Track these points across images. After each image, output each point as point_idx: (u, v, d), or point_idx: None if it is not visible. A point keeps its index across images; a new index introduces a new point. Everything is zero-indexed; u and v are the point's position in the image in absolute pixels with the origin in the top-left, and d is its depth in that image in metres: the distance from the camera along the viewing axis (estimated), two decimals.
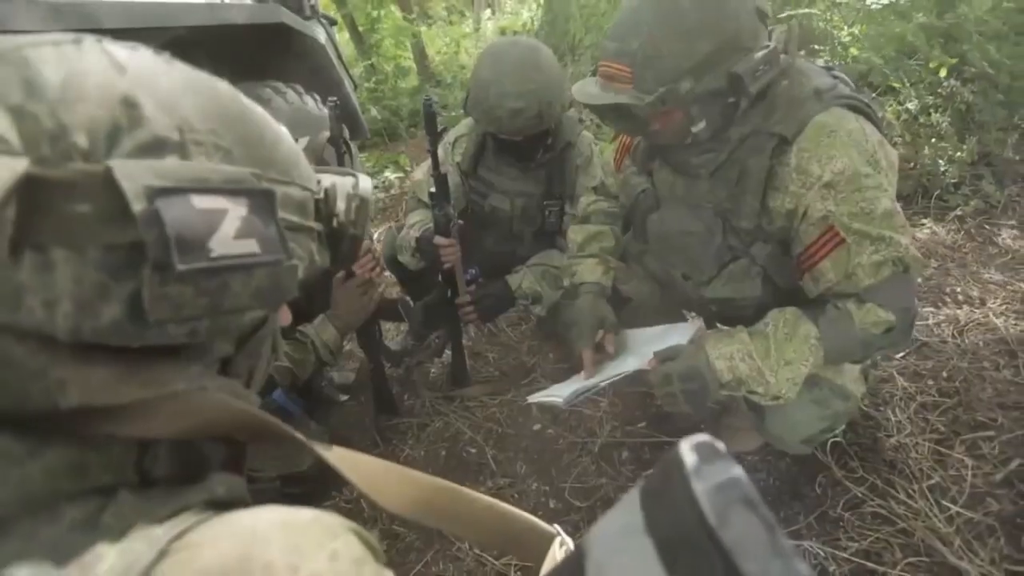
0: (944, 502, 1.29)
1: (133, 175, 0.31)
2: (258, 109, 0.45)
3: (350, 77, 3.30)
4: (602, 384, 1.18)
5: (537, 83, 1.51)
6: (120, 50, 0.36)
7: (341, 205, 0.50)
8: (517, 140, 1.58)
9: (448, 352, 1.92)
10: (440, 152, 1.84)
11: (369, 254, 1.63)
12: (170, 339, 0.36)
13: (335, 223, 0.50)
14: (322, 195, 0.49)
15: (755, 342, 1.06)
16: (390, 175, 4.15)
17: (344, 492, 1.67)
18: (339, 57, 3.17)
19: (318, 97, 2.85)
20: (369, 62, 5.26)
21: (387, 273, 2.25)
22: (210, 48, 2.58)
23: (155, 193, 0.32)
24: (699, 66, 0.96)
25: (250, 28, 2.52)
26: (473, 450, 1.73)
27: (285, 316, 0.62)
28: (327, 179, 0.57)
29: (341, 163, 1.51)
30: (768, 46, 0.98)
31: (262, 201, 0.37)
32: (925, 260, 2.11)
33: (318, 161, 1.49)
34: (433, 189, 1.54)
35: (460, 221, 1.62)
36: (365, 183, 0.61)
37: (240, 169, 0.37)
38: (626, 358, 1.28)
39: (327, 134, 1.47)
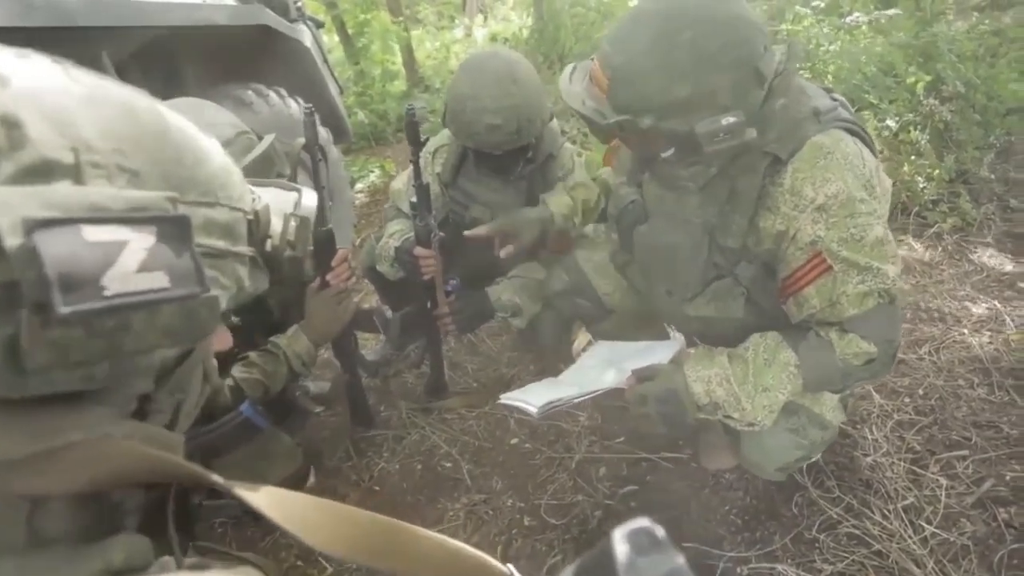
0: (919, 522, 1.28)
1: (10, 205, 0.28)
2: (184, 125, 0.42)
3: (336, 80, 3.26)
4: (577, 399, 1.16)
5: (516, 98, 1.49)
6: (5, 59, 0.33)
7: (277, 226, 0.48)
8: (497, 154, 1.56)
9: (427, 363, 1.89)
10: (420, 162, 1.83)
11: (345, 263, 1.60)
12: (59, 387, 0.32)
13: (269, 245, 0.47)
14: (255, 215, 0.47)
15: (734, 366, 1.05)
16: (375, 180, 4.11)
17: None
18: (325, 60, 3.14)
19: (301, 101, 2.81)
20: (358, 66, 5.22)
21: (365, 282, 2.22)
22: (193, 50, 2.54)
23: (34, 225, 0.28)
24: (667, 107, 0.94)
25: (233, 30, 2.48)
26: (449, 464, 1.70)
27: (222, 341, 0.59)
28: (267, 195, 0.55)
29: (316, 170, 1.48)
30: (737, 118, 0.93)
31: (174, 229, 0.34)
32: (904, 278, 2.13)
33: (293, 168, 1.46)
34: (414, 199, 1.51)
35: (441, 233, 1.60)
36: (309, 200, 0.59)
37: (148, 194, 0.34)
38: (605, 371, 1.27)
39: (302, 140, 1.44)
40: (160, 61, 2.47)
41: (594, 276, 1.52)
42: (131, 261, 0.31)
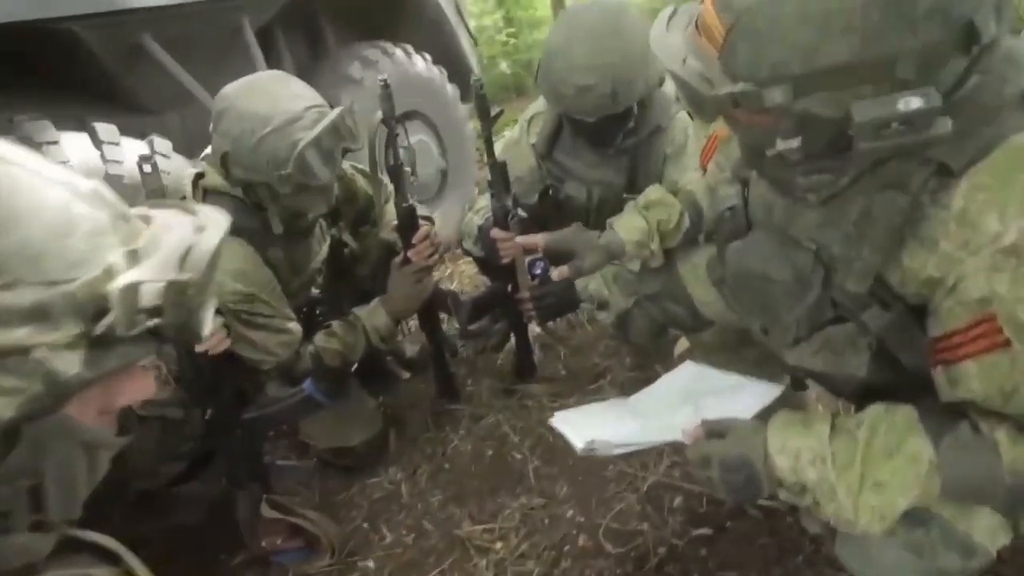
0: None
1: None
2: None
3: (469, 32, 3.17)
4: (629, 447, 0.98)
5: (613, 55, 1.25)
6: None
7: (116, 295, 0.39)
8: (590, 121, 1.35)
9: (512, 345, 1.82)
10: (516, 131, 1.68)
11: (427, 240, 1.55)
12: None
13: (109, 323, 0.39)
14: (101, 282, 0.39)
15: (837, 443, 0.77)
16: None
17: (389, 472, 1.69)
18: (458, 11, 3.05)
19: (429, 57, 2.78)
20: (504, 14, 5.07)
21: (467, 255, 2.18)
22: (331, 10, 2.62)
23: None
24: (814, 76, 0.63)
25: None
26: (519, 456, 1.63)
27: (139, 391, 0.55)
28: (164, 234, 0.47)
29: (392, 145, 1.42)
30: (927, 101, 0.60)
31: None
32: None
33: (369, 141, 1.42)
34: (490, 178, 1.39)
35: (522, 213, 1.46)
36: (208, 240, 0.49)
37: None
38: (679, 406, 1.06)
39: (380, 115, 1.38)
40: (301, 23, 2.59)
41: (691, 281, 1.27)
42: None
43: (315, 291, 1.52)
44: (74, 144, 1.58)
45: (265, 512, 1.36)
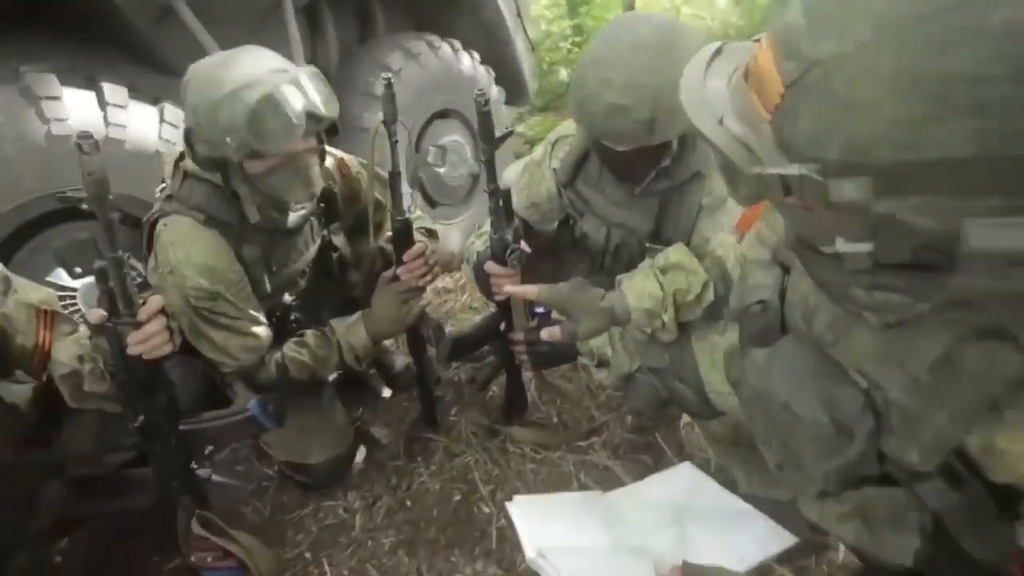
0: None
1: None
2: None
3: (527, 36, 3.02)
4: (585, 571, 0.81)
5: (658, 77, 1.04)
6: None
7: None
8: (619, 150, 1.16)
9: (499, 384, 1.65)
10: (539, 151, 1.51)
11: (420, 259, 1.41)
12: None
13: None
14: None
15: None
16: None
17: (347, 497, 1.56)
18: (518, 14, 2.91)
19: (477, 55, 2.65)
20: (575, 22, 4.88)
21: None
22: None
23: None
24: (905, 171, 0.43)
25: None
26: (486, 510, 1.47)
27: None
28: None
29: (393, 151, 1.28)
30: None
31: None
32: None
33: (370, 145, 1.28)
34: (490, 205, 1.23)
35: (523, 248, 1.30)
36: None
37: None
38: (666, 526, 0.88)
39: (380, 116, 1.25)
40: (353, 5, 2.49)
41: (706, 363, 1.08)
42: None
43: (289, 297, 1.39)
44: (77, 102, 1.51)
45: (195, 528, 1.24)
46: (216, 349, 1.29)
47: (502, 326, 1.44)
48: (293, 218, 1.32)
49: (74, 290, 1.68)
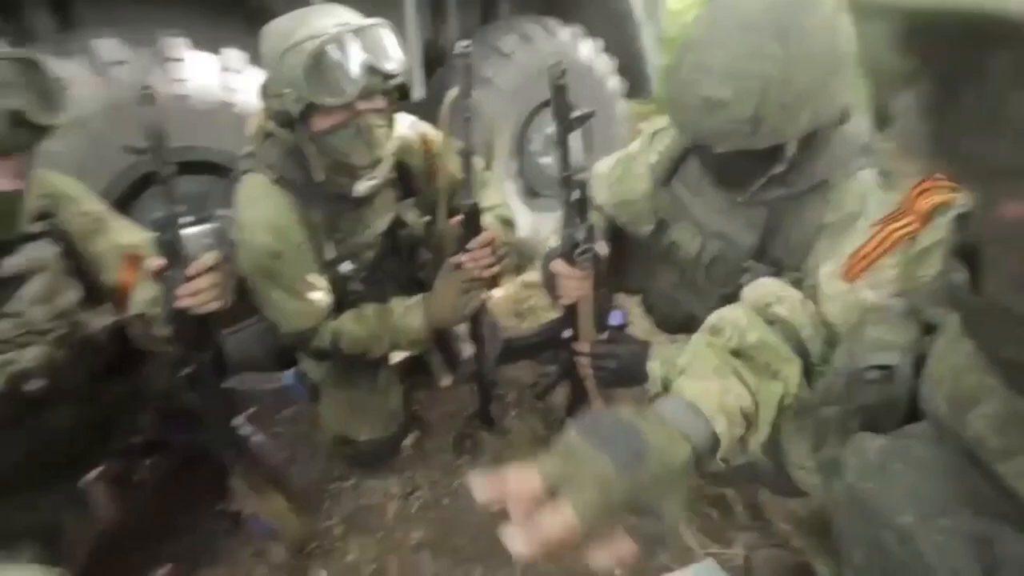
0: None
1: None
2: None
3: (658, 26, 2.80)
4: None
5: (768, 64, 0.83)
6: None
7: None
8: (717, 151, 0.96)
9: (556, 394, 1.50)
10: (638, 142, 1.33)
11: (487, 248, 1.30)
12: None
13: None
14: None
15: None
16: None
17: (388, 481, 1.51)
18: (653, 2, 2.70)
19: (600, 44, 2.48)
20: None
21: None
22: None
23: None
24: None
25: None
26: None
27: None
28: None
29: (468, 125, 1.18)
30: None
31: None
32: None
33: (443, 121, 1.19)
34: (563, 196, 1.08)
35: (597, 249, 1.14)
36: None
37: None
38: None
39: (456, 90, 1.15)
40: None
41: (788, 427, 0.85)
42: None
43: (350, 267, 1.35)
44: (199, 64, 1.60)
45: (234, 481, 1.26)
46: (274, 309, 1.29)
47: (567, 333, 1.29)
48: (362, 186, 1.28)
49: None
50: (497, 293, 2.10)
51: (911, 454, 0.48)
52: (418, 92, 2.10)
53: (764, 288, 0.80)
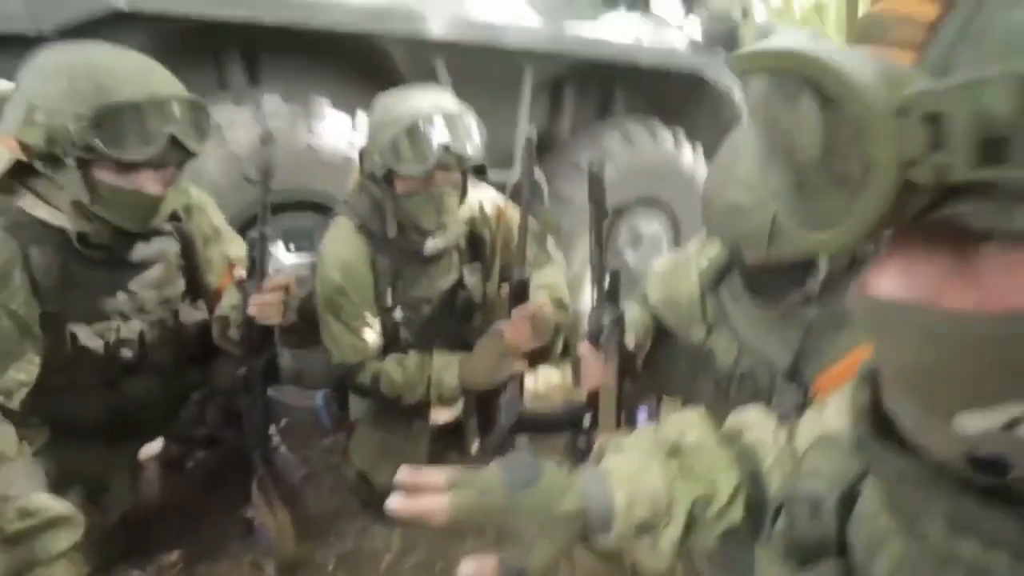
0: None
1: None
2: None
3: None
4: None
5: None
6: None
7: None
8: (749, 261, 0.95)
9: None
10: (690, 246, 1.34)
11: (529, 319, 1.35)
12: None
13: None
14: None
15: None
16: None
17: (394, 531, 1.52)
18: None
19: (699, 148, 2.55)
20: None
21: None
22: (628, 80, 2.62)
23: None
24: None
25: (663, 71, 2.44)
26: None
27: None
28: None
29: (531, 204, 1.27)
30: None
31: None
32: None
33: (513, 192, 1.30)
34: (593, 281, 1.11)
35: (630, 344, 1.14)
36: None
37: None
38: None
39: (517, 172, 1.26)
40: (596, 83, 2.65)
41: (765, 563, 0.76)
42: None
43: (402, 314, 1.46)
44: (335, 122, 1.90)
45: (253, 486, 1.36)
46: (330, 338, 1.42)
47: (586, 420, 1.27)
48: (430, 245, 1.41)
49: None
50: (542, 374, 2.11)
51: None
52: (516, 174, 2.29)
53: (745, 416, 0.75)
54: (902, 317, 0.28)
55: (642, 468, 0.61)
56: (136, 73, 1.03)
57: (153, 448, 1.60)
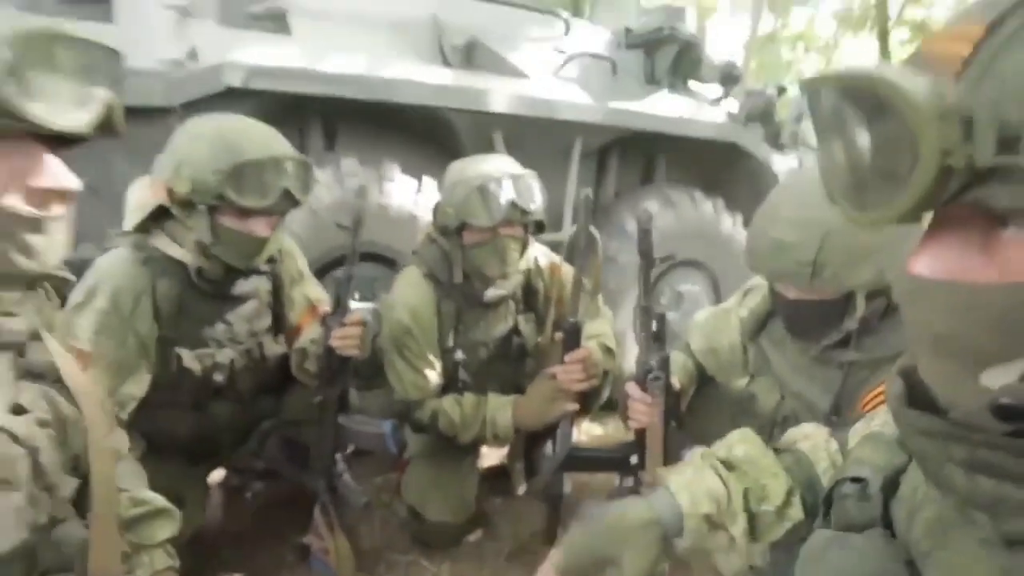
0: None
1: None
2: None
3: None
4: None
5: (831, 214, 0.89)
6: None
7: None
8: (791, 300, 1.04)
9: None
10: (732, 299, 1.44)
11: (579, 364, 1.45)
12: None
13: None
14: None
15: None
16: None
17: (441, 568, 1.56)
18: None
19: (739, 219, 2.66)
20: None
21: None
22: (670, 149, 2.79)
23: None
24: None
25: (702, 141, 2.61)
26: None
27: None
28: None
29: (585, 256, 1.41)
30: None
31: None
32: None
33: (569, 247, 1.43)
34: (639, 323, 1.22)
35: (676, 383, 1.22)
36: None
37: None
38: None
39: (567, 232, 1.40)
40: (639, 152, 2.83)
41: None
42: None
43: (461, 355, 1.58)
44: (402, 186, 2.12)
45: (316, 512, 1.44)
46: (394, 375, 1.55)
47: (633, 459, 1.33)
48: (491, 293, 1.55)
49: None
50: (585, 427, 2.16)
51: (849, 542, 0.50)
52: (566, 234, 2.44)
53: (800, 428, 0.83)
54: (936, 291, 0.36)
55: (696, 475, 0.71)
56: (261, 136, 1.24)
57: (216, 476, 1.72)
